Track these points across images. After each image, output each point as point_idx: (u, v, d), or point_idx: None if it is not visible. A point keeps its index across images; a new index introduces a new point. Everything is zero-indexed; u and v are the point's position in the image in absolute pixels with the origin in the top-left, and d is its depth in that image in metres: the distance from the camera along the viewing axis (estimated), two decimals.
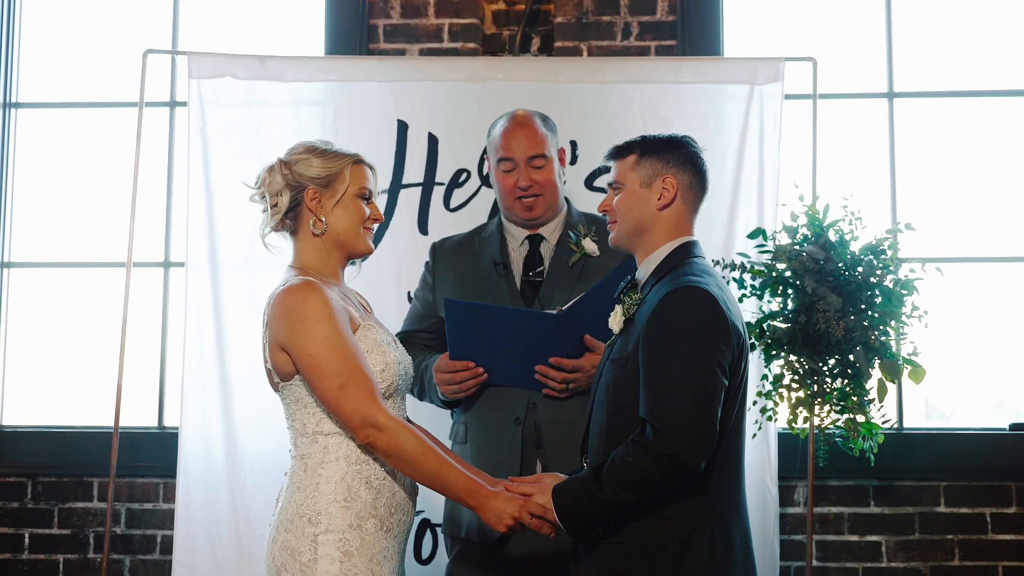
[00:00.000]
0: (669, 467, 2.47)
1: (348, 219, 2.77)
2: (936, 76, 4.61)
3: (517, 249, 3.45)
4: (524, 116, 3.43)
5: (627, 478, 2.50)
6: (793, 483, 4.30)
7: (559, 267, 3.39)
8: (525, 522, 2.63)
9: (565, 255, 3.40)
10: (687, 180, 2.75)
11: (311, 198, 2.74)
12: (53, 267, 4.71)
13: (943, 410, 4.60)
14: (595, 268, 3.36)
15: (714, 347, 2.53)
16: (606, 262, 3.34)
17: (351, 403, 2.58)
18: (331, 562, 2.58)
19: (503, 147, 3.38)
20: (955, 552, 4.28)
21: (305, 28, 4.69)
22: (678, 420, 2.47)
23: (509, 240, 3.47)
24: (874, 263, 3.61)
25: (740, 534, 2.65)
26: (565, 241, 3.42)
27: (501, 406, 3.26)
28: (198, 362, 4.09)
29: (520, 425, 3.24)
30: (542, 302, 3.34)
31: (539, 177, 3.36)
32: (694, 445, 2.48)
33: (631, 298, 2.73)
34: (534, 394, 3.25)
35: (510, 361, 3.20)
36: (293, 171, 2.75)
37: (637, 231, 2.76)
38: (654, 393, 2.52)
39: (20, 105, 4.73)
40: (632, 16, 4.54)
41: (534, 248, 3.44)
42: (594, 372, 3.19)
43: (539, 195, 3.37)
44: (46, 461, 4.45)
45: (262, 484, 4.00)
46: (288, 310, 2.63)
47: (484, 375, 3.22)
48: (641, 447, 2.49)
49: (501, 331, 3.17)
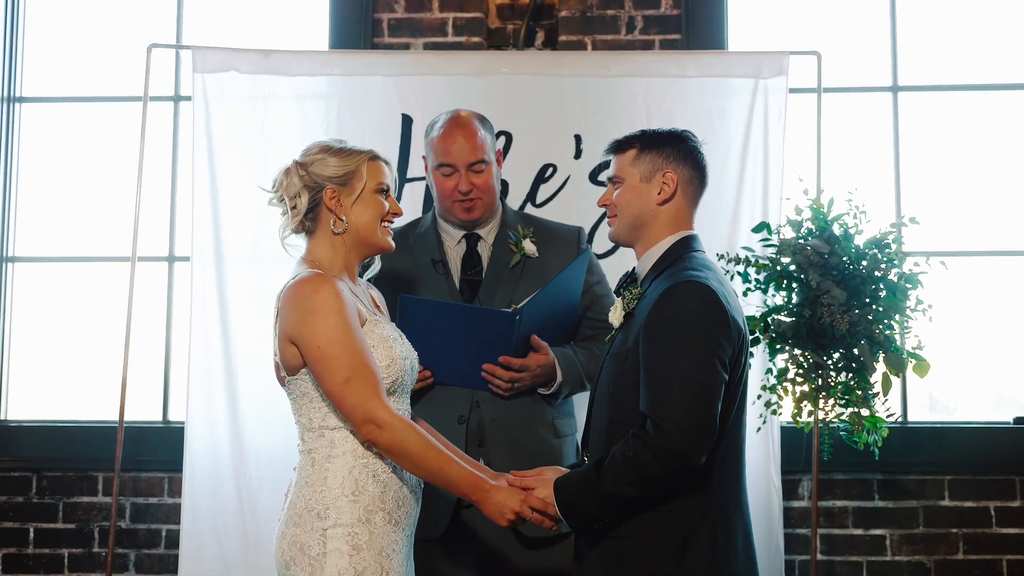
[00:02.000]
0: (669, 462, 2.47)
1: (369, 215, 2.76)
2: (940, 70, 4.61)
3: (454, 248, 3.44)
4: (464, 119, 3.39)
5: (628, 472, 2.50)
6: (797, 477, 4.31)
7: (498, 267, 3.39)
8: (527, 516, 2.64)
9: (504, 255, 3.40)
10: (687, 175, 2.74)
11: (330, 197, 2.74)
12: (58, 261, 4.71)
13: (947, 404, 4.61)
14: (535, 269, 3.37)
15: (715, 341, 2.53)
16: (545, 262, 3.37)
17: (354, 398, 2.58)
18: (340, 556, 2.58)
19: (443, 152, 3.35)
20: (959, 546, 4.29)
21: (309, 22, 4.69)
22: (678, 415, 2.47)
23: (445, 238, 3.45)
24: (878, 257, 3.61)
25: (742, 528, 2.65)
26: (503, 241, 3.42)
27: (444, 404, 3.27)
28: (203, 356, 4.10)
29: (464, 424, 3.26)
30: (482, 301, 3.35)
31: (478, 181, 3.35)
32: (694, 440, 2.47)
33: (631, 292, 2.73)
34: (478, 393, 3.27)
35: (458, 359, 3.21)
36: (310, 172, 2.74)
37: (637, 226, 2.75)
38: (654, 388, 2.52)
39: (24, 99, 4.74)
40: (636, 10, 4.53)
41: (471, 247, 3.44)
42: (540, 372, 3.24)
43: (479, 198, 3.36)
44: (51, 455, 4.46)
45: (268, 478, 4.01)
46: (299, 301, 2.63)
47: (431, 379, 3.25)
48: (641, 442, 2.49)
49: (453, 329, 3.18)
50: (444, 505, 3.17)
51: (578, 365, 3.30)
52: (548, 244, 3.43)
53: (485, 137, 3.38)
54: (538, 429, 3.30)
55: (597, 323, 3.37)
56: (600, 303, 3.40)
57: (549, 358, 3.25)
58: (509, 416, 3.26)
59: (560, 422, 3.35)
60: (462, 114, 3.40)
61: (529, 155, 4.16)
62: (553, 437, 3.32)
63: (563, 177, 4.15)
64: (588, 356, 3.32)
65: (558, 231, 3.51)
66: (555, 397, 3.31)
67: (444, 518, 3.20)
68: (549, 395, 3.30)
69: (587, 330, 3.41)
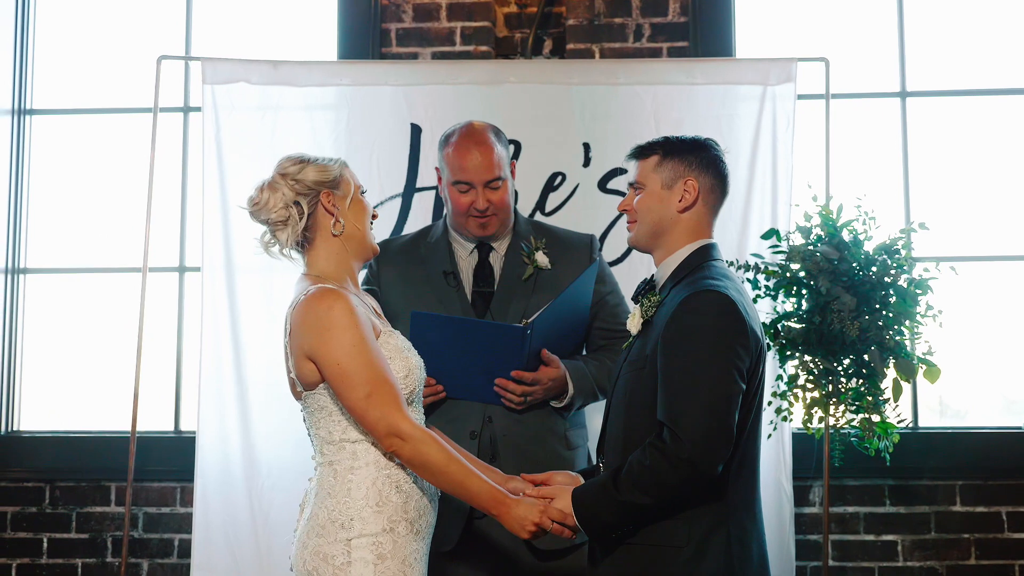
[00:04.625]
0: (686, 471, 2.47)
1: (362, 217, 2.79)
2: (948, 75, 4.61)
3: (466, 259, 3.42)
4: (479, 133, 3.33)
5: (644, 481, 2.51)
6: (809, 483, 4.30)
7: (511, 279, 3.38)
8: (547, 527, 2.65)
9: (517, 267, 3.39)
10: (709, 183, 2.74)
11: (327, 200, 2.74)
12: (69, 273, 4.73)
13: (957, 409, 4.60)
14: (548, 281, 3.35)
15: (733, 351, 2.53)
16: (558, 273, 3.35)
17: (377, 411, 2.59)
18: (365, 565, 2.59)
19: (459, 169, 3.30)
20: (971, 551, 4.28)
21: (318, 33, 4.70)
22: (696, 424, 2.47)
23: (457, 248, 3.43)
24: (888, 263, 3.61)
25: (756, 537, 2.65)
26: (516, 252, 3.40)
27: (456, 419, 3.25)
28: (215, 366, 4.11)
29: (476, 439, 3.24)
30: (494, 314, 3.34)
31: (495, 198, 3.33)
32: (711, 449, 2.48)
33: (649, 300, 2.72)
34: (490, 407, 3.26)
35: (470, 373, 3.21)
36: (299, 180, 2.73)
37: (656, 232, 2.74)
38: (672, 397, 2.52)
39: (35, 112, 4.76)
40: (644, 18, 4.54)
41: (483, 258, 3.42)
42: (552, 385, 3.24)
43: (494, 215, 3.35)
44: (64, 466, 4.47)
45: (280, 487, 4.02)
46: (314, 319, 2.63)
47: (443, 392, 3.24)
48: (658, 451, 2.49)
49: (465, 343, 3.18)
50: (456, 517, 3.17)
51: (589, 377, 3.30)
52: (561, 254, 3.41)
53: (501, 152, 3.35)
54: (550, 442, 3.29)
55: (610, 332, 3.37)
56: (613, 312, 3.39)
57: (560, 371, 3.25)
58: (521, 430, 3.25)
59: (572, 433, 3.35)
60: (476, 127, 3.36)
61: (538, 164, 4.17)
62: (565, 449, 3.31)
63: (572, 185, 4.16)
64: (599, 367, 3.32)
65: (570, 240, 3.49)
66: (567, 410, 3.31)
67: (456, 530, 3.19)
68: (561, 408, 3.30)
69: (599, 340, 3.40)
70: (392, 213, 4.15)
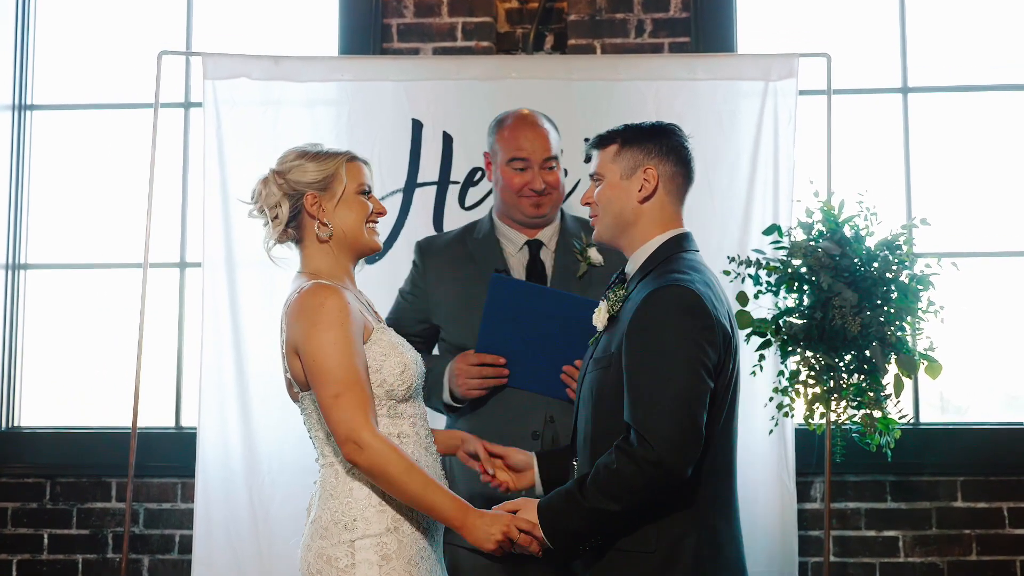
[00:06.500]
0: (654, 474, 2.39)
1: (352, 218, 2.72)
2: (950, 71, 4.60)
3: (516, 255, 3.40)
4: (533, 116, 3.40)
5: (611, 486, 2.43)
6: (810, 479, 4.30)
7: (564, 274, 3.35)
8: (514, 538, 2.56)
9: (570, 263, 3.37)
10: (669, 170, 2.64)
11: (311, 204, 2.69)
12: (70, 268, 4.73)
13: (959, 405, 4.60)
14: (601, 277, 3.31)
15: (698, 348, 2.44)
16: (611, 270, 3.31)
17: (340, 413, 2.53)
18: (369, 566, 2.55)
19: (516, 147, 3.32)
20: (972, 547, 4.28)
21: (319, 28, 4.70)
22: (662, 425, 2.38)
23: (506, 245, 3.41)
24: (890, 258, 3.60)
25: (730, 539, 2.57)
26: (566, 248, 3.38)
27: (516, 419, 3.19)
28: (215, 362, 4.11)
29: (539, 439, 3.18)
30: None
31: (551, 179, 3.34)
32: (679, 451, 2.39)
33: (616, 294, 2.64)
34: (551, 406, 3.19)
35: (538, 358, 3.14)
36: (288, 179, 2.70)
37: (620, 225, 2.66)
38: (637, 398, 2.43)
39: (35, 107, 4.75)
40: (645, 13, 4.53)
41: (534, 254, 3.40)
42: None
43: (549, 195, 3.35)
44: (64, 462, 4.47)
45: (281, 483, 4.02)
46: (303, 313, 2.60)
47: (505, 379, 3.18)
48: (625, 454, 2.41)
49: (539, 316, 3.12)
50: None
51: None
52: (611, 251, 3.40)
53: (555, 136, 3.38)
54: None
55: None
56: None
57: None
58: None
59: None
60: (527, 110, 3.41)
61: None
62: None
63: (574, 180, 4.15)
64: None
65: None
66: None
67: None
68: None
69: None
70: (393, 208, 4.15)
